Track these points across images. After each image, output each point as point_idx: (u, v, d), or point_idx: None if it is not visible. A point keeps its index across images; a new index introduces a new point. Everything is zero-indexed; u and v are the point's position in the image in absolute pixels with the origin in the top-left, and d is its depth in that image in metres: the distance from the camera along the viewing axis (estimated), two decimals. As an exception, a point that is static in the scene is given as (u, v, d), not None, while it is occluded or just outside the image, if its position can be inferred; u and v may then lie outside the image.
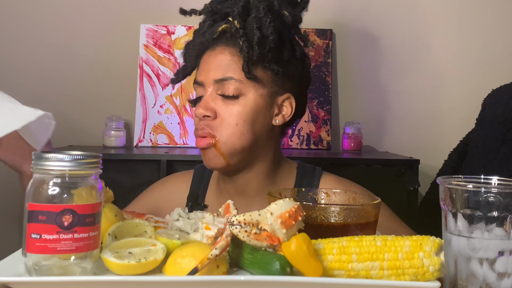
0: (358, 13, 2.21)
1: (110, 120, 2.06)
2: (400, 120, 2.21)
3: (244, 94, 1.08)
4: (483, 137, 1.58)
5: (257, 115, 1.10)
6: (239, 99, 1.08)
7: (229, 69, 1.08)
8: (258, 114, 1.10)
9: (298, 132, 2.11)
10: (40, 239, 0.67)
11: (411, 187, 1.79)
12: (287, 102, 1.15)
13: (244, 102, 1.08)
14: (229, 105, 1.08)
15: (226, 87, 1.07)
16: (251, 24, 1.08)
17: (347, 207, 0.85)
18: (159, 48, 2.11)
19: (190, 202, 1.20)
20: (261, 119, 1.11)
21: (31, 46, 2.16)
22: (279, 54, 1.11)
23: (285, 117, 1.15)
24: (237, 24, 1.08)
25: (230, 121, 1.08)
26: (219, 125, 1.08)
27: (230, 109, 1.08)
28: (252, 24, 1.08)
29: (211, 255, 0.68)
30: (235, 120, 1.07)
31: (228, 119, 1.08)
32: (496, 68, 2.18)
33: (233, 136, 1.08)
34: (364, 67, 2.21)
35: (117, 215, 0.83)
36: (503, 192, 0.72)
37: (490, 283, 0.72)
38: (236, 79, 1.08)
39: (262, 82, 1.10)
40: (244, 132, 1.08)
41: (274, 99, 1.13)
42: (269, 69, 1.09)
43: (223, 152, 1.08)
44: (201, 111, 1.08)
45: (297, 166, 1.23)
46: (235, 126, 1.07)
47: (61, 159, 0.69)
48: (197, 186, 1.25)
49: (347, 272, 0.70)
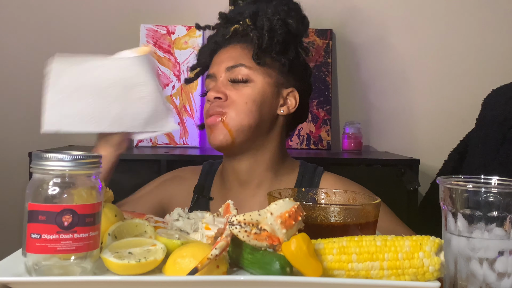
0: (358, 13, 2.21)
1: (110, 120, 2.06)
2: (400, 120, 2.21)
3: (253, 80, 1.16)
4: (483, 137, 1.58)
5: (264, 100, 1.17)
6: (248, 83, 1.16)
7: (240, 58, 1.17)
8: (265, 99, 1.17)
9: (298, 132, 2.11)
10: (40, 239, 0.67)
11: (411, 187, 1.79)
12: (292, 95, 1.22)
13: (253, 86, 1.16)
14: (239, 88, 1.16)
15: (237, 72, 1.16)
16: (261, 20, 1.18)
17: (347, 207, 0.85)
18: (159, 48, 2.11)
19: (196, 194, 1.25)
20: (268, 104, 1.18)
21: (30, 46, 2.17)
22: (285, 50, 1.19)
23: (290, 109, 1.21)
24: (248, 22, 1.19)
25: (239, 100, 1.14)
26: (229, 104, 1.15)
27: (240, 91, 1.15)
28: (262, 19, 1.18)
29: (211, 255, 0.68)
30: (245, 99, 1.15)
31: (238, 99, 1.14)
32: (496, 68, 2.18)
33: (242, 113, 1.14)
34: (364, 67, 2.21)
35: (117, 215, 0.83)
36: (503, 192, 0.72)
37: (490, 283, 0.72)
38: (247, 66, 1.16)
39: (270, 71, 1.18)
40: (253, 111, 1.15)
41: (280, 90, 1.20)
42: (276, 59, 1.17)
43: (231, 128, 1.14)
44: (212, 93, 1.15)
45: (299, 164, 1.27)
46: (245, 104, 1.14)
47: (61, 159, 0.69)
48: (204, 180, 1.29)
49: (347, 272, 0.70)
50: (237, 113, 1.14)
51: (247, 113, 1.14)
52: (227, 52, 1.19)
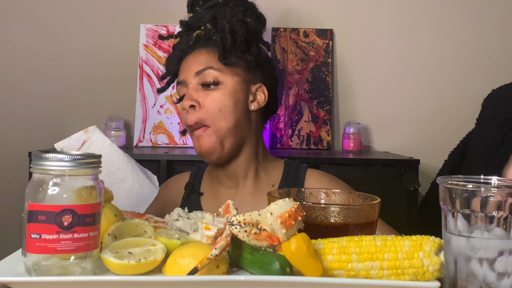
0: (358, 13, 2.21)
1: (110, 120, 2.06)
2: (400, 120, 2.21)
3: (222, 82, 1.21)
4: (483, 137, 1.58)
5: (236, 99, 1.22)
6: (218, 86, 1.21)
7: (207, 61, 1.22)
8: (237, 98, 1.22)
9: (298, 132, 2.11)
10: (40, 239, 0.67)
11: (411, 187, 1.79)
12: (260, 90, 1.28)
13: (223, 88, 1.21)
14: (211, 93, 1.20)
15: (206, 75, 1.20)
16: (221, 23, 1.23)
17: (347, 207, 0.85)
18: (159, 48, 2.11)
19: (187, 191, 1.31)
20: (240, 103, 1.23)
21: (31, 46, 2.17)
22: (248, 48, 1.25)
23: (260, 103, 1.27)
24: (209, 26, 1.24)
25: (213, 107, 1.19)
26: (205, 113, 1.19)
27: (212, 97, 1.20)
28: (222, 22, 1.23)
29: (211, 255, 0.68)
30: (218, 106, 1.19)
31: (211, 106, 1.19)
32: (496, 68, 2.18)
33: (220, 122, 1.20)
34: (364, 67, 2.21)
35: (117, 215, 0.83)
36: (503, 192, 0.72)
37: (490, 283, 0.72)
38: (215, 68, 1.21)
39: (237, 70, 1.23)
40: (228, 116, 1.20)
41: (249, 86, 1.25)
42: (242, 58, 1.23)
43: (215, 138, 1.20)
44: (187, 102, 1.20)
45: (284, 160, 1.35)
46: (219, 112, 1.19)
47: (61, 159, 0.69)
48: (194, 178, 1.36)
49: (347, 272, 0.70)
50: (216, 119, 1.19)
51: (223, 120, 1.19)
52: (194, 58, 1.24)
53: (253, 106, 1.26)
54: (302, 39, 2.15)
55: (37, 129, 2.17)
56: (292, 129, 2.12)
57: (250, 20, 1.26)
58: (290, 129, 2.12)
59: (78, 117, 2.17)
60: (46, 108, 2.17)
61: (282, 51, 2.15)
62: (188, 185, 1.33)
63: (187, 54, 1.26)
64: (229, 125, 1.20)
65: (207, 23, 1.25)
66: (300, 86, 2.14)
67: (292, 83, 2.13)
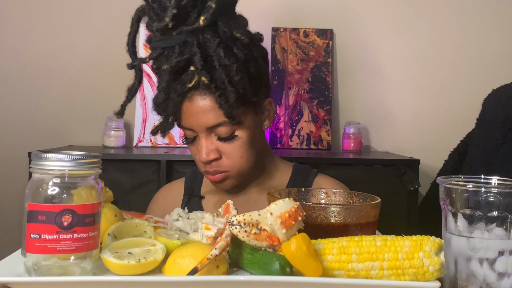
0: (358, 13, 2.21)
1: (110, 120, 2.06)
2: (400, 120, 2.21)
3: (238, 129, 1.10)
4: (484, 137, 1.58)
5: (254, 136, 1.14)
6: (235, 136, 1.11)
7: (216, 116, 1.07)
8: (254, 135, 1.14)
9: (298, 132, 2.11)
10: (39, 239, 0.67)
11: (412, 187, 1.79)
12: (268, 105, 1.19)
13: (241, 135, 1.11)
14: (227, 145, 1.11)
15: (220, 132, 1.09)
16: (220, 77, 1.04)
17: (347, 207, 0.85)
18: (159, 48, 2.11)
19: (187, 196, 1.27)
20: (257, 135, 1.16)
21: (31, 46, 2.16)
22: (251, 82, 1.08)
23: (270, 118, 1.20)
24: (206, 81, 1.04)
25: (235, 156, 1.11)
26: (227, 162, 1.12)
27: (229, 148, 1.11)
28: (221, 76, 1.04)
29: (211, 255, 0.68)
30: (240, 153, 1.12)
31: (233, 155, 1.11)
32: (496, 68, 2.18)
33: (242, 165, 1.13)
34: (364, 67, 2.21)
35: (116, 215, 0.83)
36: (503, 192, 0.72)
37: (490, 283, 0.72)
38: (228, 124, 1.08)
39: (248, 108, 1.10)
40: (250, 158, 1.14)
41: (260, 109, 1.16)
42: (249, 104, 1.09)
43: (236, 179, 1.15)
44: (205, 157, 1.10)
45: (293, 165, 1.29)
46: (241, 158, 1.12)
47: (60, 159, 0.69)
48: (192, 183, 1.30)
49: (347, 272, 0.70)
50: (238, 167, 1.12)
51: (246, 163, 1.13)
52: (197, 105, 1.07)
53: (266, 125, 1.19)
54: (302, 39, 2.15)
55: (37, 129, 2.17)
56: (292, 129, 2.12)
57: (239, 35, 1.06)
58: (290, 129, 2.12)
59: (78, 117, 2.17)
60: (46, 108, 2.17)
61: (282, 51, 2.15)
62: (187, 189, 1.28)
63: (185, 97, 1.08)
64: (250, 164, 1.14)
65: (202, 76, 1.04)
66: (300, 86, 2.14)
67: (292, 83, 2.13)
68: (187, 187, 1.29)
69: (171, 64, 1.05)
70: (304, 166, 1.29)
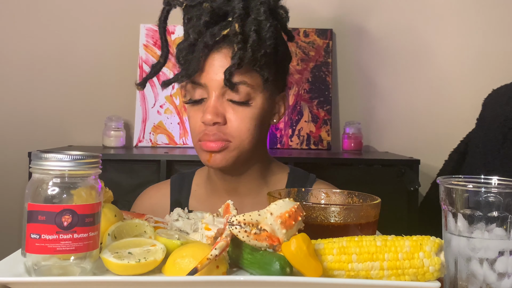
0: (358, 13, 2.21)
1: (109, 120, 2.06)
2: (400, 120, 2.21)
3: (253, 98, 1.05)
4: (484, 137, 1.58)
5: (263, 118, 1.08)
6: (248, 105, 1.05)
7: (239, 73, 1.03)
8: (264, 117, 1.09)
9: (298, 132, 2.11)
10: (39, 239, 0.67)
11: (412, 187, 1.79)
12: (281, 100, 1.15)
13: (254, 107, 1.06)
14: (239, 110, 1.05)
15: (237, 91, 1.04)
16: (249, 26, 1.03)
17: (347, 207, 0.85)
18: (159, 48, 2.10)
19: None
20: (266, 121, 1.10)
21: (31, 46, 2.16)
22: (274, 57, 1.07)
23: (280, 116, 1.15)
24: (238, 28, 1.02)
25: (242, 126, 1.05)
26: (231, 131, 1.05)
27: (240, 114, 1.05)
28: (251, 26, 1.02)
29: (211, 256, 0.68)
30: (247, 126, 1.05)
31: (240, 125, 1.05)
32: (496, 68, 2.18)
33: (245, 141, 1.06)
34: (364, 67, 2.21)
35: (116, 215, 0.83)
36: (503, 192, 0.72)
37: (490, 283, 0.72)
38: (248, 84, 1.04)
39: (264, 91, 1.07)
40: (254, 136, 1.07)
41: (274, 99, 1.12)
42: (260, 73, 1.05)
43: (234, 155, 1.06)
44: (210, 117, 1.03)
45: (288, 172, 1.21)
46: (247, 131, 1.05)
47: (60, 159, 0.69)
48: (178, 195, 1.22)
49: (347, 272, 0.70)
50: (241, 141, 1.05)
51: (250, 140, 1.06)
52: (221, 61, 1.04)
53: (275, 120, 1.13)
54: (302, 39, 2.15)
55: (37, 129, 2.17)
56: (292, 129, 2.12)
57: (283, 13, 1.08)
58: (290, 129, 2.12)
59: (78, 117, 2.17)
60: (46, 108, 2.17)
61: (282, 51, 2.15)
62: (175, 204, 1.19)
63: (213, 48, 1.05)
64: (251, 145, 1.06)
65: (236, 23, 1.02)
66: (300, 86, 2.14)
67: (292, 83, 2.13)
68: (174, 201, 1.21)
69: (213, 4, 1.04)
70: (301, 174, 1.21)
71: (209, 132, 1.05)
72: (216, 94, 1.04)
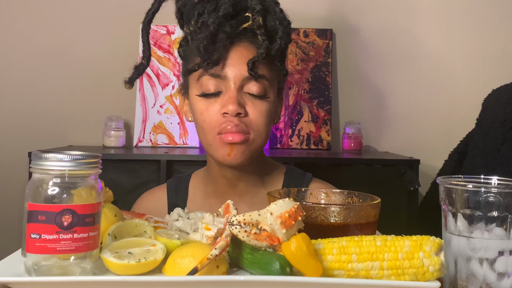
0: (358, 13, 2.21)
1: (109, 120, 2.06)
2: (400, 120, 2.21)
3: (268, 93, 1.07)
4: (484, 137, 1.58)
5: (272, 115, 1.10)
6: (265, 99, 1.06)
7: (261, 64, 1.05)
8: (273, 114, 1.10)
9: (298, 132, 2.11)
10: (39, 239, 0.67)
11: (412, 187, 1.79)
12: (281, 100, 1.17)
13: (269, 101, 1.07)
14: (257, 103, 1.05)
15: (256, 85, 1.04)
16: (272, 21, 1.07)
17: (347, 207, 0.85)
18: (159, 48, 2.11)
19: None
20: (273, 118, 1.11)
21: (30, 46, 2.16)
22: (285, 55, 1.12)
23: (279, 115, 1.16)
24: (261, 21, 1.05)
25: (259, 120, 1.05)
26: (250, 124, 1.05)
27: (258, 107, 1.05)
28: (274, 20, 1.07)
29: (211, 255, 0.68)
30: (264, 120, 1.06)
31: (257, 119, 1.05)
32: (496, 68, 2.18)
33: (261, 135, 1.07)
34: (364, 67, 2.21)
35: (116, 215, 0.83)
36: (503, 192, 0.72)
37: (490, 283, 0.72)
38: (267, 78, 1.06)
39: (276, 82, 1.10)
40: (267, 132, 1.08)
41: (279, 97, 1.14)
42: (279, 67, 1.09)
43: (252, 149, 1.06)
44: (233, 108, 1.02)
45: (285, 171, 1.21)
46: (264, 125, 1.06)
47: (60, 159, 0.69)
48: (175, 199, 1.21)
49: (347, 272, 0.70)
50: (257, 135, 1.05)
51: (264, 136, 1.07)
52: (242, 54, 1.05)
53: (275, 120, 1.14)
54: (302, 39, 2.15)
55: (37, 129, 2.17)
56: (292, 129, 2.12)
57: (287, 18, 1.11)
58: (290, 129, 2.12)
59: (78, 117, 2.17)
60: (46, 108, 2.17)
61: (282, 51, 2.15)
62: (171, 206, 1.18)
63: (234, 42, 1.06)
64: (265, 141, 1.08)
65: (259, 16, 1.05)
66: (300, 86, 2.14)
67: (292, 83, 2.13)
68: (171, 204, 1.20)
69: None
70: (297, 173, 1.21)
71: (232, 123, 1.03)
72: (235, 87, 1.04)
